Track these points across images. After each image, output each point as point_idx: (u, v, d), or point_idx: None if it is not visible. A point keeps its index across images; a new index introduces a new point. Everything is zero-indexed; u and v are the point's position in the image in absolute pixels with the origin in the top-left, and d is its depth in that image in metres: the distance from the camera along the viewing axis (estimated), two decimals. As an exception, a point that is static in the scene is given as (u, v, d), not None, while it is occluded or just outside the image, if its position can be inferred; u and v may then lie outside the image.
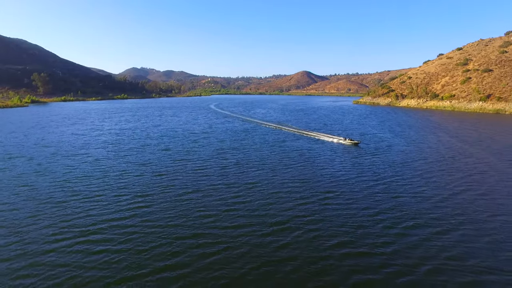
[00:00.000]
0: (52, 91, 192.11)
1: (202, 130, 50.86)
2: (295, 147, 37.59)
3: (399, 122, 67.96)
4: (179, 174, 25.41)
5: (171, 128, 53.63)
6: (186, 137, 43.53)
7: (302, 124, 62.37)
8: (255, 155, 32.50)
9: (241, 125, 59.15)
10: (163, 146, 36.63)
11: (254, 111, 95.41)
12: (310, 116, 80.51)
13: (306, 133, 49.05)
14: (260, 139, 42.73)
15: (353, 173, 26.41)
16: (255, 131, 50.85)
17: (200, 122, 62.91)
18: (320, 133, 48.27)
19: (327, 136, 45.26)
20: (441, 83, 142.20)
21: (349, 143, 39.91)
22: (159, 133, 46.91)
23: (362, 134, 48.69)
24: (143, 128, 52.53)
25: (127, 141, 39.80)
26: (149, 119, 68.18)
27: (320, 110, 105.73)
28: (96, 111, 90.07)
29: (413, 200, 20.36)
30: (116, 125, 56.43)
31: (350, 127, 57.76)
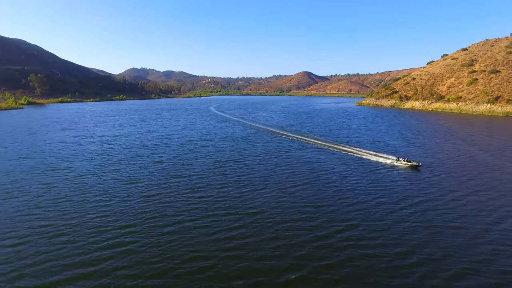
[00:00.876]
0: (49, 92, 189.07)
1: (200, 137, 47.49)
2: (303, 159, 34.16)
3: (408, 127, 64.58)
4: (171, 196, 21.98)
5: (167, 134, 50.26)
6: (182, 146, 40.15)
7: (306, 129, 58.98)
8: (258, 170, 29.05)
9: (242, 130, 55.76)
10: (156, 158, 33.23)
11: (255, 114, 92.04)
12: (314, 120, 77.12)
13: (328, 145, 42.24)
14: (263, 149, 39.30)
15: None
16: (257, 138, 47.46)
17: (198, 127, 59.53)
18: (347, 146, 40.90)
19: (363, 152, 36.40)
20: (447, 84, 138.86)
21: (404, 164, 30.68)
22: (153, 141, 43.53)
23: (373, 141, 45.26)
24: (137, 135, 49.16)
25: (118, 151, 36.42)
26: (145, 124, 64.82)
27: (323, 113, 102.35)
28: (92, 114, 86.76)
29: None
30: (109, 131, 53.07)
31: (359, 133, 54.36)
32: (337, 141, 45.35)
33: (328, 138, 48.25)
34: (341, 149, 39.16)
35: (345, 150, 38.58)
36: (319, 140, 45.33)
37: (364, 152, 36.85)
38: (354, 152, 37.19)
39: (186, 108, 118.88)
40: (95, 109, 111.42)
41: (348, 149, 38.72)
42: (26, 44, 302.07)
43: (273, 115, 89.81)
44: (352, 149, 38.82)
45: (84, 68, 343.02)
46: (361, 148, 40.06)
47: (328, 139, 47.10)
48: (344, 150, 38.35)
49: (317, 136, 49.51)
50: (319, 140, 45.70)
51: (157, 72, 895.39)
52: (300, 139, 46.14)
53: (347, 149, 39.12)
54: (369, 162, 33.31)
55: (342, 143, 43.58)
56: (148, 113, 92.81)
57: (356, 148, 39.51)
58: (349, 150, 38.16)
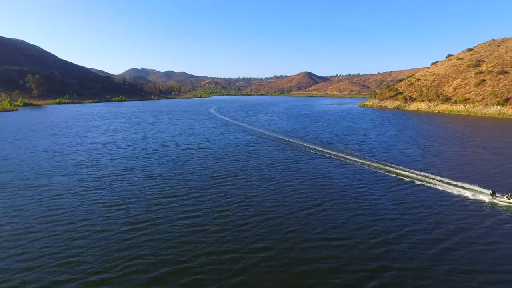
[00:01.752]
0: (47, 93, 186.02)
1: (198, 145, 43.94)
2: (313, 173, 30.57)
3: (419, 131, 60.98)
4: (159, 225, 18.32)
5: (162, 141, 46.73)
6: (178, 156, 36.59)
7: (312, 134, 55.40)
8: (263, 189, 25.41)
9: (243, 136, 52.22)
10: (148, 172, 29.65)
11: (256, 117, 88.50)
12: (318, 124, 73.54)
13: (339, 155, 36.97)
14: (267, 160, 35.68)
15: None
16: (259, 146, 43.88)
17: (196, 133, 55.99)
18: (363, 158, 35.80)
19: (411, 173, 29.05)
20: (453, 85, 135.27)
21: (506, 202, 21.89)
22: (147, 150, 39.98)
23: (386, 150, 41.61)
24: (130, 142, 45.62)
25: (106, 163, 32.88)
26: (140, 129, 61.29)
27: (327, 116, 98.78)
28: (87, 117, 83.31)
29: None
30: (100, 137, 49.55)
31: (368, 139, 50.75)
32: (348, 148, 41.78)
33: (337, 145, 44.65)
34: (356, 161, 34.90)
35: (361, 162, 34.33)
36: (328, 149, 41.71)
37: (414, 174, 29.03)
38: (379, 168, 32.14)
39: (185, 110, 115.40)
40: (92, 111, 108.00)
41: (367, 162, 34.32)
42: (25, 44, 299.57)
43: (275, 118, 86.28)
44: (378, 164, 33.48)
45: (84, 69, 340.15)
46: (389, 162, 35.71)
47: (338, 147, 43.50)
48: (360, 163, 34.08)
49: (325, 143, 45.93)
50: (327, 148, 42.07)
51: (158, 73, 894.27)
52: (307, 147, 42.53)
53: (363, 161, 34.86)
54: (412, 186, 27.87)
55: (354, 151, 39.99)
56: (145, 116, 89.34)
57: (391, 165, 32.92)
58: (371, 164, 33.52)
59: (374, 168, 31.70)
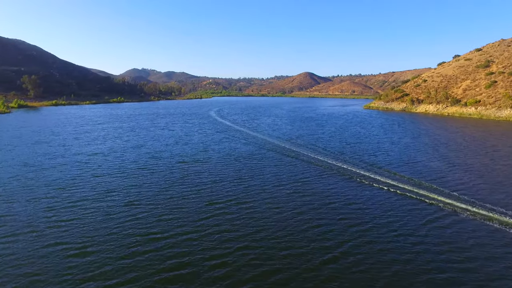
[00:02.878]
0: (43, 94, 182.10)
1: (194, 156, 39.20)
2: (329, 197, 25.79)
3: (436, 138, 56.14)
4: (137, 281, 13.68)
5: (155, 151, 42.04)
6: (170, 172, 31.87)
7: (320, 142, 50.61)
8: (271, 223, 20.53)
9: (245, 145, 47.45)
10: (133, 195, 24.84)
11: (259, 121, 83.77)
12: (325, 129, 68.75)
13: (356, 171, 31.77)
14: (272, 177, 30.83)
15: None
16: (262, 158, 39.12)
17: (194, 140, 51.27)
18: (387, 178, 29.97)
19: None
20: (462, 87, 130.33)
21: None
22: (136, 163, 35.26)
23: (407, 163, 36.71)
24: (119, 153, 40.92)
25: (86, 182, 28.16)
26: (133, 135, 56.62)
27: (333, 119, 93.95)
28: (79, 121, 78.70)
29: None
30: (87, 146, 44.87)
31: (383, 149, 45.91)
32: (364, 161, 36.99)
33: (351, 157, 39.85)
34: (378, 179, 29.36)
35: (383, 181, 28.79)
36: (341, 162, 36.87)
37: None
38: (406, 190, 26.56)
39: (184, 113, 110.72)
40: (87, 113, 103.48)
41: (390, 182, 28.68)
42: (25, 44, 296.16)
43: (278, 122, 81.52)
44: (404, 185, 27.82)
45: (84, 69, 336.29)
46: (415, 179, 30.66)
47: (353, 159, 38.70)
48: (383, 182, 28.49)
49: (337, 154, 41.13)
50: (340, 161, 37.23)
51: (158, 73, 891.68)
52: (317, 160, 37.72)
53: (386, 180, 29.35)
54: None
55: (372, 165, 35.20)
56: (142, 119, 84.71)
57: (420, 184, 27.46)
58: (395, 185, 27.75)
59: (401, 191, 26.74)
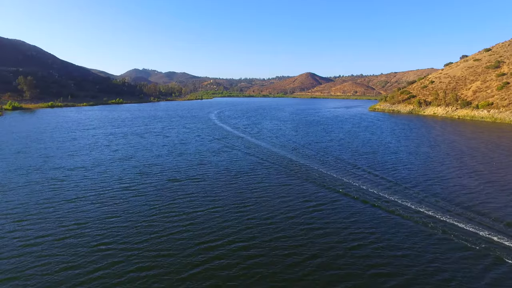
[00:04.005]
0: (40, 96, 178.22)
1: (187, 173, 34.47)
2: (354, 236, 21.07)
3: (456, 147, 51.34)
4: None
5: (145, 165, 37.41)
6: (158, 195, 27.20)
7: (329, 154, 45.89)
8: (287, 275, 15.99)
9: (246, 156, 42.73)
10: (105, 233, 19.93)
11: (261, 126, 79.11)
12: (333, 135, 64.01)
13: (387, 198, 25.73)
14: (279, 203, 26.08)
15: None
16: (267, 174, 34.40)
17: (189, 151, 46.60)
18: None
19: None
20: (472, 88, 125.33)
21: None
22: (120, 182, 30.57)
23: (435, 180, 31.91)
24: (104, 166, 36.31)
25: (54, 209, 23.55)
26: (124, 143, 52.04)
27: (339, 123, 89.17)
28: (71, 125, 74.24)
29: None
30: (69, 158, 40.25)
31: (403, 161, 41.10)
32: (385, 179, 32.26)
33: (369, 172, 35.10)
34: (408, 207, 23.53)
35: (417, 211, 22.85)
36: (359, 180, 32.06)
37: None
38: (451, 226, 20.69)
39: (183, 116, 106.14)
40: (82, 116, 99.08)
41: (429, 213, 22.64)
42: (25, 45, 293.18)
43: (281, 127, 76.83)
44: (446, 218, 22.03)
45: (84, 69, 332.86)
46: (457, 210, 24.88)
47: (372, 175, 33.95)
48: (415, 212, 22.70)
49: (352, 168, 36.37)
50: (357, 179, 32.37)
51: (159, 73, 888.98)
52: (329, 177, 32.94)
53: (420, 208, 23.44)
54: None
55: (397, 183, 30.46)
56: (137, 124, 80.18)
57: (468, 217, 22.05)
58: (435, 217, 21.82)
59: (442, 226, 21.71)
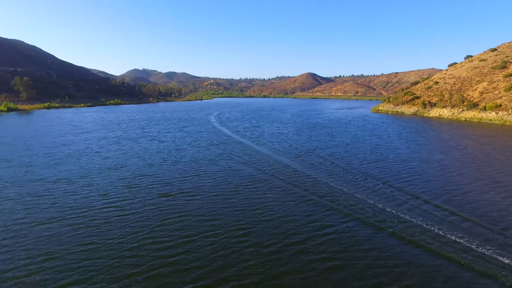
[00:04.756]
0: (37, 96, 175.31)
1: (181, 185, 31.18)
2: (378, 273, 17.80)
3: (469, 152, 48.09)
4: None
5: (134, 176, 34.17)
6: (144, 216, 23.92)
7: (337, 160, 42.64)
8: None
9: (245, 167, 39.39)
10: (81, 265, 16.90)
11: (261, 129, 75.91)
12: (338, 139, 60.75)
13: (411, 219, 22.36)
14: (287, 227, 22.90)
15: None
16: (271, 188, 31.19)
17: (185, 159, 43.33)
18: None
19: None
20: (478, 89, 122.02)
21: None
22: (103, 198, 27.29)
23: (455, 193, 28.68)
24: (89, 178, 33.05)
25: (23, 236, 20.22)
26: (116, 149, 48.82)
27: (343, 125, 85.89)
28: (64, 128, 71.06)
29: None
30: (54, 167, 36.99)
31: (415, 169, 37.80)
32: (400, 188, 29.03)
33: (381, 183, 31.84)
34: (433, 233, 19.88)
35: (441, 237, 19.14)
36: (369, 195, 28.82)
37: None
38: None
39: (181, 118, 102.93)
40: (77, 118, 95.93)
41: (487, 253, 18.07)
42: (24, 45, 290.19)
43: (283, 130, 73.59)
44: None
45: (83, 70, 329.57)
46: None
47: (383, 189, 30.69)
48: (442, 241, 18.78)
49: (365, 181, 33.11)
50: (367, 194, 29.12)
51: (159, 73, 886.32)
52: (338, 192, 29.66)
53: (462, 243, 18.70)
54: None
55: (416, 196, 27.23)
56: (133, 127, 77.01)
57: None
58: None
59: (472, 257, 18.47)
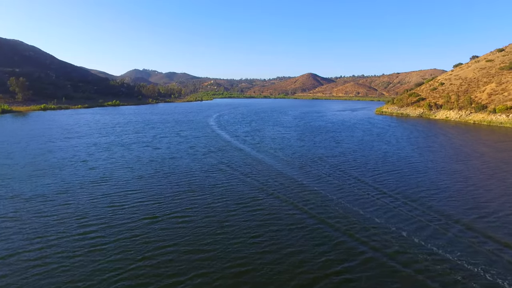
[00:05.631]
0: (34, 98, 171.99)
1: (170, 205, 27.48)
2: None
3: (489, 161, 44.24)
4: None
5: (119, 193, 30.39)
6: (123, 246, 20.21)
7: (348, 172, 38.87)
8: None
9: (245, 180, 35.59)
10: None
11: (262, 133, 72.20)
12: (344, 145, 56.99)
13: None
14: (296, 262, 19.09)
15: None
16: (274, 209, 27.47)
17: (179, 169, 39.58)
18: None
19: None
20: (486, 91, 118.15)
21: None
22: (82, 220, 23.50)
23: (486, 212, 24.98)
24: (68, 194, 29.29)
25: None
26: (105, 158, 45.10)
27: (347, 129, 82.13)
28: (54, 133, 67.41)
29: None
30: (31, 182, 33.24)
31: (435, 182, 34.06)
32: (429, 206, 25.31)
33: (400, 200, 28.12)
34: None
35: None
36: (396, 223, 24.83)
37: None
38: None
39: (178, 121, 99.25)
40: (71, 121, 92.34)
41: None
42: (23, 45, 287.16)
43: (285, 135, 69.85)
44: None
45: (83, 70, 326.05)
46: None
47: (404, 209, 26.93)
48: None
49: (376, 198, 29.38)
50: (395, 224, 25.00)
51: (159, 74, 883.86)
52: (354, 215, 25.81)
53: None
54: None
55: (446, 216, 23.49)
56: (127, 131, 73.35)
57: None
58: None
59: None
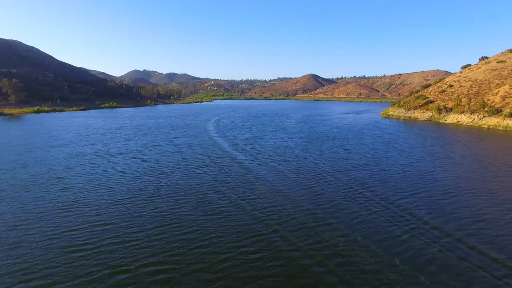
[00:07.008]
0: (27, 99, 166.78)
1: (149, 247, 21.99)
2: None
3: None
4: None
5: (87, 225, 24.92)
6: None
7: (364, 193, 33.32)
8: None
9: (244, 207, 30.04)
10: None
11: (263, 141, 66.67)
12: (354, 156, 51.43)
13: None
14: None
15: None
16: (281, 251, 21.91)
17: (166, 189, 33.99)
18: None
19: None
20: (500, 94, 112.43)
21: None
22: (16, 276, 18.21)
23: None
24: (29, 224, 23.88)
25: None
26: (85, 172, 39.59)
27: (355, 135, 76.53)
28: (37, 140, 62.05)
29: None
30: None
31: (468, 203, 28.52)
32: (476, 247, 19.85)
33: (437, 231, 22.60)
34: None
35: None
36: (439, 272, 19.30)
37: None
38: None
39: (174, 126, 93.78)
40: (61, 125, 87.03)
41: None
42: (21, 45, 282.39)
43: (288, 143, 64.31)
44: None
45: (82, 71, 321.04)
46: None
47: (445, 253, 21.41)
48: None
49: (414, 239, 23.80)
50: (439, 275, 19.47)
51: (160, 74, 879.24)
52: (378, 260, 20.23)
53: None
54: None
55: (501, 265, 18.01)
56: (118, 137, 67.94)
57: None
58: None
59: None
